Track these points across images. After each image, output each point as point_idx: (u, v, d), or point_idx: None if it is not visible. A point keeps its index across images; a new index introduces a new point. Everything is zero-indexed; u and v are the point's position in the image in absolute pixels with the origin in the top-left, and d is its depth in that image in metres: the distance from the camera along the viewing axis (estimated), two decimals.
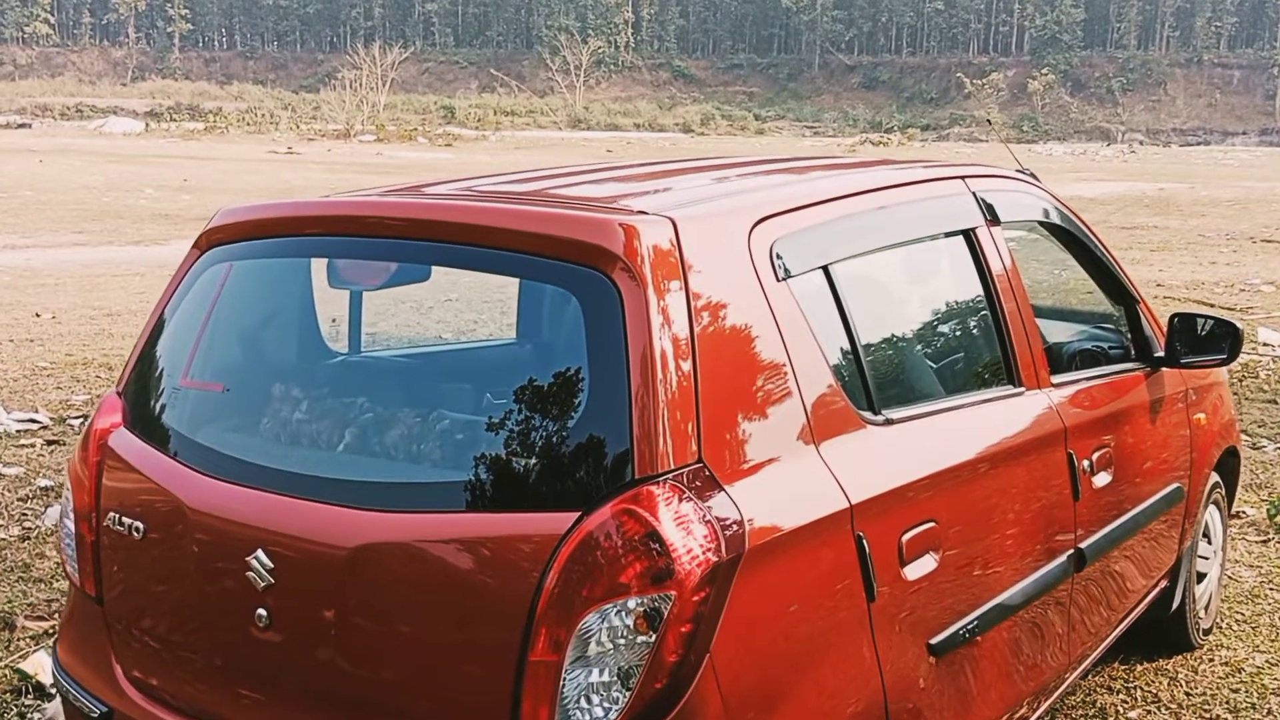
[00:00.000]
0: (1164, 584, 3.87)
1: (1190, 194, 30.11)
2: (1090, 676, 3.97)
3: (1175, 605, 3.96)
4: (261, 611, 2.10)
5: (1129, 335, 3.64)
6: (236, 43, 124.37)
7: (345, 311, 2.91)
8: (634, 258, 1.98)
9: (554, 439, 1.98)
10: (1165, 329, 3.58)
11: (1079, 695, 3.85)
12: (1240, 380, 8.79)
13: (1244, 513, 5.73)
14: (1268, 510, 5.58)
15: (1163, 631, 4.05)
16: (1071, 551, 2.95)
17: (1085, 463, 3.00)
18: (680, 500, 1.87)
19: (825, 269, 2.35)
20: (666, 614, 1.83)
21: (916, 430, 2.45)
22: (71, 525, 2.50)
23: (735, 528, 1.91)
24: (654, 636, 1.83)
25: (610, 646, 1.84)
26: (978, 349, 2.95)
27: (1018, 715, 2.83)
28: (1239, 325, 3.51)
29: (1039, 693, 2.92)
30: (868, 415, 2.33)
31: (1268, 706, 3.79)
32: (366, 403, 2.27)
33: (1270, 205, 26.62)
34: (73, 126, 65.31)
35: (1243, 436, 7.31)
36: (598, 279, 1.99)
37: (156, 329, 2.54)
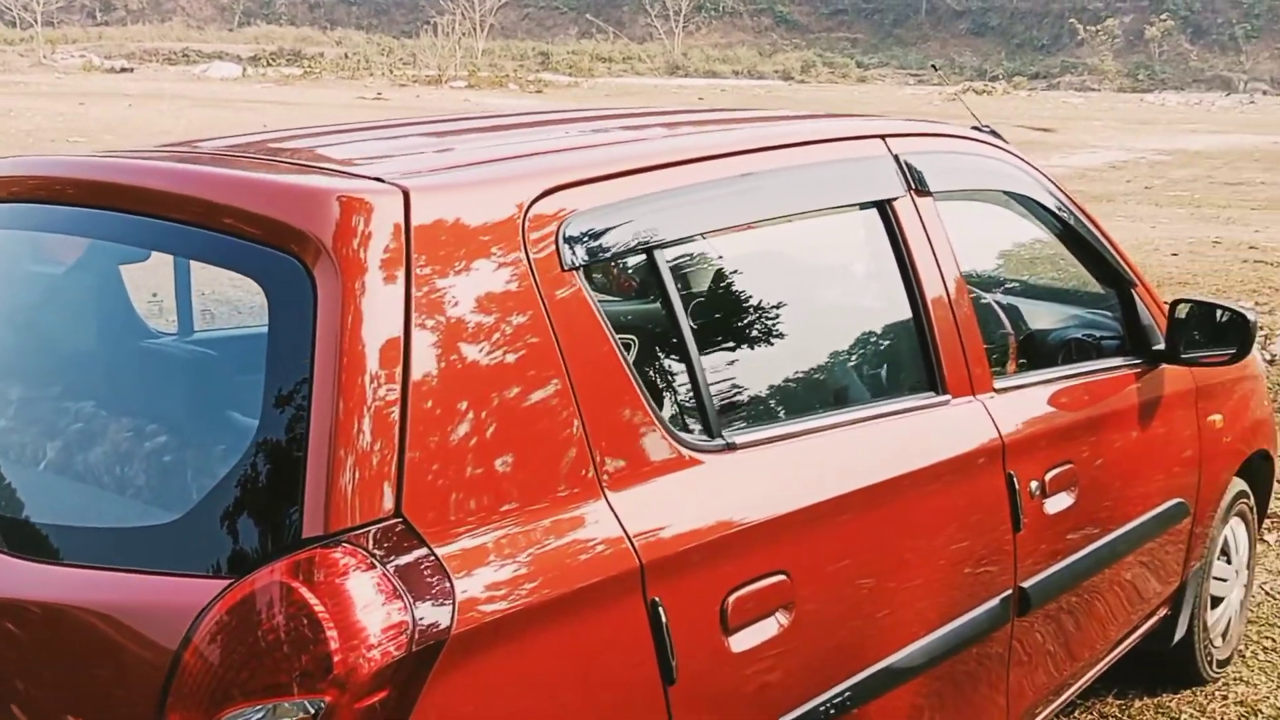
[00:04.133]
0: (1163, 612, 3.32)
1: None
2: (1075, 714, 3.45)
3: (1180, 635, 3.41)
4: None
5: (1123, 325, 3.07)
6: None
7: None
8: (340, 242, 1.53)
9: (214, 480, 1.54)
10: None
11: None
12: None
13: None
14: None
15: (1165, 664, 3.50)
16: (1009, 593, 2.44)
17: (1033, 484, 2.48)
18: (358, 569, 1.42)
19: (648, 254, 1.86)
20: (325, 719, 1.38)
21: (771, 458, 1.96)
22: None
23: (437, 605, 1.45)
24: None
25: None
26: (883, 351, 2.43)
27: None
28: (1251, 315, 2.92)
29: None
30: (699, 442, 1.85)
31: None
32: (75, 410, 1.86)
33: None
34: (176, 71, 66.34)
35: None
36: (288, 266, 1.54)
37: None
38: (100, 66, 56.14)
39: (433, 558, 1.49)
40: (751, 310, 2.23)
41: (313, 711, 1.40)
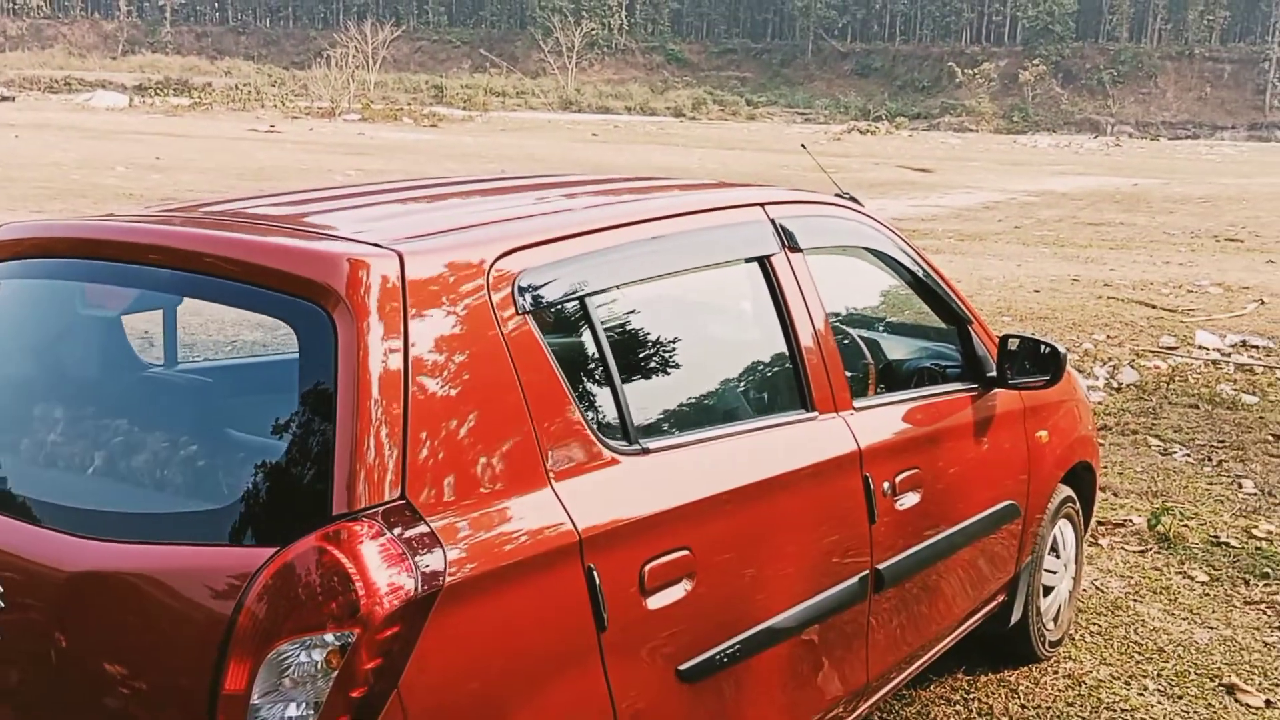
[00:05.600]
0: (1001, 598, 3.93)
1: (1163, 190, 30.18)
2: (931, 687, 4.04)
3: (1016, 619, 4.02)
4: None
5: (963, 356, 3.69)
6: (229, 18, 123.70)
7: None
8: (353, 293, 2.02)
9: (259, 473, 2.03)
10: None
11: (915, 707, 3.92)
12: (1168, 383, 8.86)
13: (1130, 521, 5.80)
14: (1148, 520, 5.65)
15: (1005, 644, 4.11)
16: (866, 573, 3.00)
17: (886, 485, 3.05)
18: (375, 537, 1.91)
19: (581, 300, 2.39)
20: (353, 649, 1.87)
21: (677, 459, 2.49)
22: None
23: (433, 564, 1.95)
24: (341, 671, 1.87)
25: (298, 681, 1.88)
26: (764, 376, 2.99)
27: None
28: (1061, 348, 3.56)
29: (831, 708, 2.97)
30: (620, 446, 2.37)
31: (1097, 719, 3.85)
32: (115, 426, 2.32)
33: (1240, 203, 26.70)
34: (59, 100, 64.91)
35: (1154, 441, 7.40)
36: (314, 313, 2.03)
37: None
38: None
39: (429, 530, 1.98)
40: (661, 344, 2.76)
41: (341, 644, 1.88)
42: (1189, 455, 7.09)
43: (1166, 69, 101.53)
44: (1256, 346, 10.25)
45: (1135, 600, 4.84)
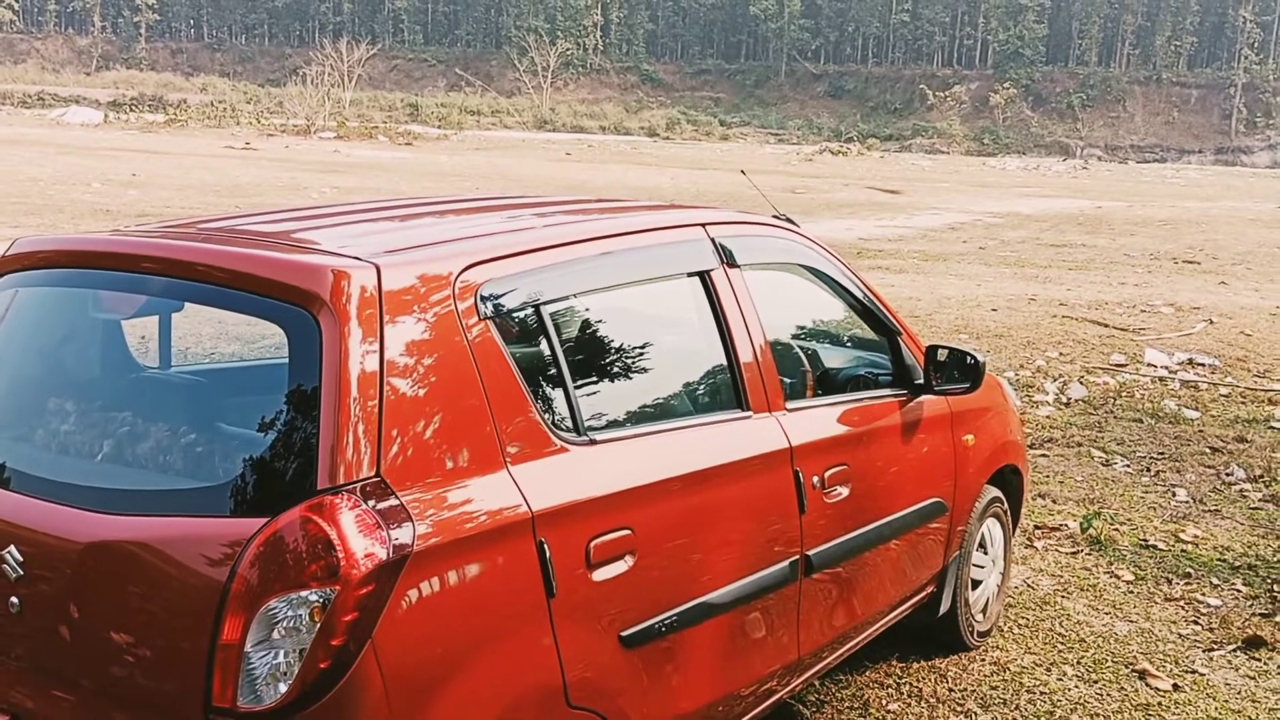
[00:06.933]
0: (930, 589, 4.25)
1: (1126, 213, 30.79)
2: (866, 673, 4.36)
3: (944, 609, 4.34)
4: (14, 600, 2.44)
5: (893, 365, 4.02)
6: (204, 34, 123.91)
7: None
8: (336, 300, 2.33)
9: (252, 454, 2.33)
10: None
11: (850, 690, 4.23)
12: (1115, 399, 9.24)
13: (1066, 525, 6.15)
14: (1080, 523, 5.99)
15: (935, 633, 4.44)
16: (797, 558, 3.32)
17: (815, 479, 3.36)
18: (353, 509, 2.22)
19: (536, 309, 2.70)
20: (333, 604, 2.18)
21: (621, 450, 2.80)
22: None
23: (403, 533, 2.26)
24: (322, 624, 2.18)
25: (286, 632, 2.18)
26: (703, 378, 3.31)
27: (745, 700, 3.20)
28: (981, 357, 3.90)
29: (764, 680, 3.28)
30: (570, 437, 2.68)
31: (1017, 701, 4.18)
32: (121, 417, 2.62)
33: (1200, 226, 27.32)
34: (31, 115, 64.87)
35: (1096, 453, 7.76)
36: (302, 316, 2.33)
37: None
38: None
39: (399, 503, 2.28)
40: (609, 348, 3.06)
41: (322, 600, 2.18)
42: (1129, 466, 7.44)
43: (1135, 93, 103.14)
44: (1203, 364, 10.64)
45: (1063, 597, 5.18)
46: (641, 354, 3.15)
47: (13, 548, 2.43)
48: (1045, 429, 8.26)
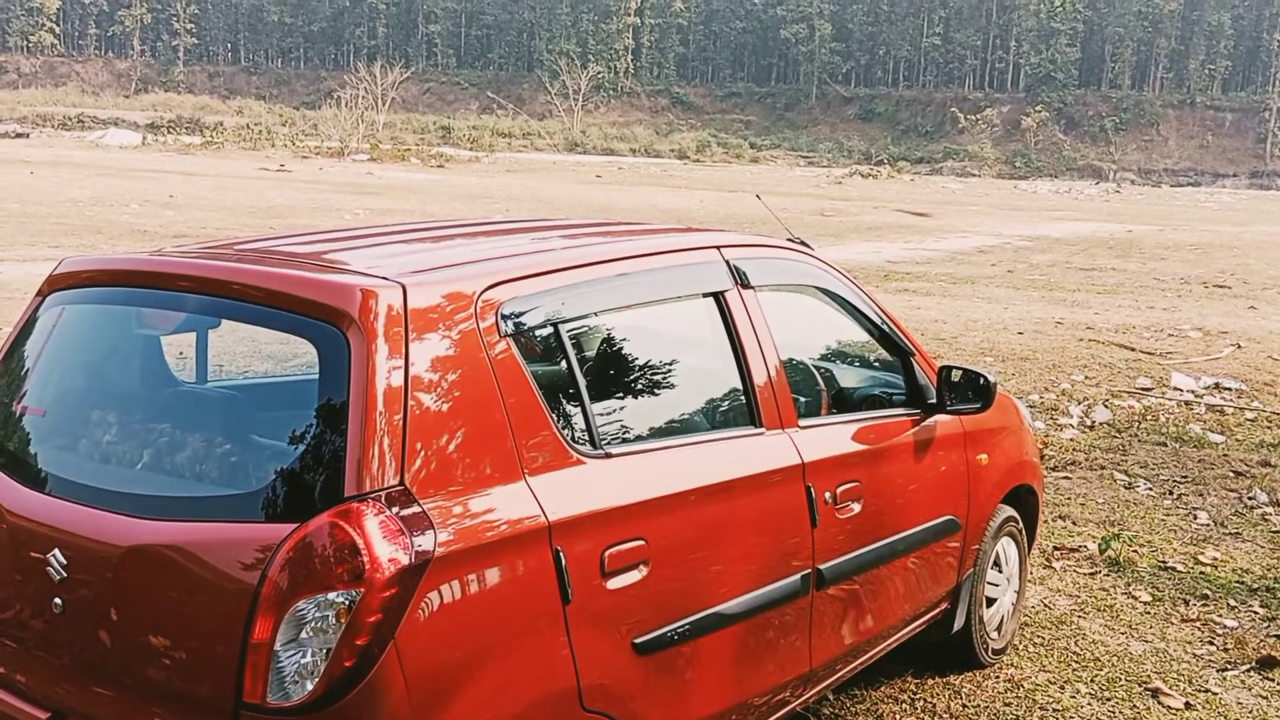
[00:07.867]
0: (944, 606, 4.32)
1: (1157, 237, 30.66)
2: (881, 688, 4.43)
3: (958, 626, 4.41)
4: (58, 601, 2.57)
5: (906, 384, 4.11)
6: (241, 58, 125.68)
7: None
8: (364, 318, 2.46)
9: (283, 463, 2.46)
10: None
11: (865, 704, 4.31)
12: (1140, 422, 9.26)
13: (1085, 546, 6.19)
14: (1099, 545, 6.04)
15: (949, 650, 4.50)
16: (808, 571, 3.41)
17: (827, 494, 3.46)
18: (378, 515, 2.34)
19: (555, 327, 2.82)
20: (358, 606, 2.29)
21: (635, 464, 2.91)
22: None
23: (425, 539, 2.37)
24: (348, 624, 2.29)
25: (313, 632, 2.30)
26: (717, 396, 3.41)
27: (759, 708, 3.29)
28: (992, 377, 3.98)
29: (777, 690, 3.37)
30: (586, 451, 2.79)
31: (1030, 718, 4.24)
32: (160, 428, 2.76)
33: (1232, 250, 27.17)
34: (72, 137, 65.92)
35: (1119, 476, 7.79)
36: (332, 333, 2.46)
37: (4, 360, 3.02)
38: None
39: (422, 510, 2.39)
40: (625, 365, 3.18)
41: (348, 602, 2.30)
42: (1151, 489, 7.46)
43: (1168, 117, 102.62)
44: (1229, 389, 10.63)
45: (1080, 616, 5.23)
46: (656, 371, 3.25)
47: (57, 551, 2.56)
48: (1069, 452, 8.30)
